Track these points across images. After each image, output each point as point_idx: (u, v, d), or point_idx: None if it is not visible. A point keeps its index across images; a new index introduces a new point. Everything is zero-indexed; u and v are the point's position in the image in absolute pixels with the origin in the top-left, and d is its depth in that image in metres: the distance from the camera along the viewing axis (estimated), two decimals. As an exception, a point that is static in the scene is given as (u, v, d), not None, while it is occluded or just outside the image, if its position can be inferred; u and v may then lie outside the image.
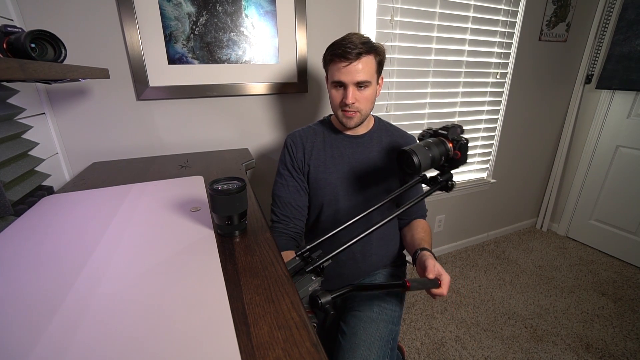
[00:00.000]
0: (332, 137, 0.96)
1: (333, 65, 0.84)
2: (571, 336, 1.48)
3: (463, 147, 0.68)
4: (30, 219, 0.66)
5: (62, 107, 1.04)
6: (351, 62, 0.79)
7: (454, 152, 0.69)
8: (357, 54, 0.79)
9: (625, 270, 1.97)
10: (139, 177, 0.92)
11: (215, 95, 1.21)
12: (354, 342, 0.78)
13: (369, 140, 0.96)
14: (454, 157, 0.69)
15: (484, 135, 1.95)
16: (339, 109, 0.88)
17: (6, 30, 0.61)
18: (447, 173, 0.73)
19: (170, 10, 1.06)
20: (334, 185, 0.94)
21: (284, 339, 0.37)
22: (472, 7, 1.59)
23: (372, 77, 0.84)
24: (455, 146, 0.68)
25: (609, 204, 2.09)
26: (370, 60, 0.82)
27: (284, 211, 0.94)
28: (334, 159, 0.94)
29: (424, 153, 0.65)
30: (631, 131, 1.94)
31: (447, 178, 0.73)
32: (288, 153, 0.96)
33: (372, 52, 0.82)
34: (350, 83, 0.82)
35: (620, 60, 1.90)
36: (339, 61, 0.81)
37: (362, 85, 0.83)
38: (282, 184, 0.95)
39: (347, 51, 0.79)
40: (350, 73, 0.81)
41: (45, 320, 0.38)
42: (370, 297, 0.90)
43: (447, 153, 0.69)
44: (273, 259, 0.53)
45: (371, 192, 0.95)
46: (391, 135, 0.98)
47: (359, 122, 0.89)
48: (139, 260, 0.51)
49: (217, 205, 0.56)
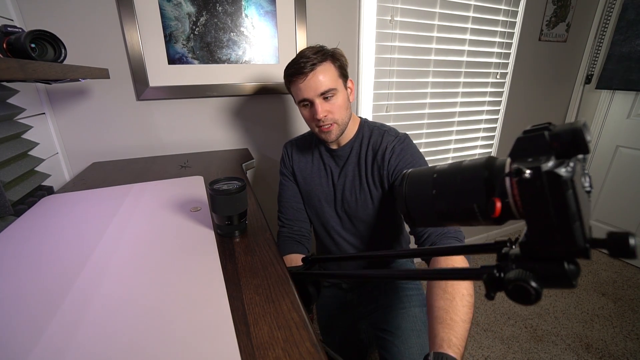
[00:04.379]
0: (318, 150, 0.95)
1: (294, 86, 0.80)
2: (571, 336, 1.48)
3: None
4: (30, 219, 0.66)
5: (62, 107, 1.04)
6: (307, 75, 0.76)
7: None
8: (311, 65, 0.76)
9: (625, 270, 1.97)
10: (139, 177, 0.92)
11: (216, 95, 1.21)
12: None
13: (349, 151, 0.89)
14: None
15: (483, 135, 1.95)
16: (315, 127, 0.83)
17: (6, 30, 0.61)
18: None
19: (170, 10, 1.06)
20: (318, 199, 0.94)
21: (284, 339, 0.37)
22: (472, 7, 1.59)
23: (336, 83, 0.79)
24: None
25: (609, 204, 2.09)
26: (329, 68, 0.78)
27: (287, 214, 0.95)
28: (319, 172, 0.94)
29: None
30: (631, 131, 1.94)
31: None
32: (283, 160, 1.00)
33: (328, 58, 0.78)
34: (314, 97, 0.78)
35: (620, 60, 1.90)
36: (297, 79, 0.77)
37: (327, 95, 0.78)
38: (282, 189, 0.98)
39: (301, 66, 0.76)
40: (310, 87, 0.77)
41: (45, 320, 0.38)
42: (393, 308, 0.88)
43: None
44: (273, 259, 0.53)
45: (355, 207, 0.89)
46: (370, 137, 0.88)
47: (339, 134, 0.83)
48: (139, 260, 0.51)
49: (217, 205, 0.56)
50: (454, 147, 1.85)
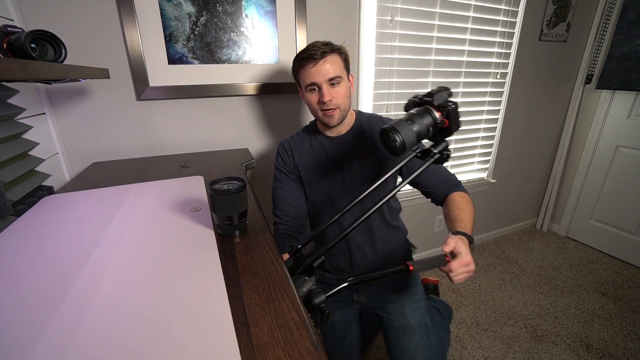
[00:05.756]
0: (317, 141, 0.98)
1: (302, 71, 0.87)
2: (571, 336, 1.48)
3: (452, 113, 0.60)
4: (30, 219, 0.66)
5: (62, 107, 1.04)
6: (317, 61, 0.84)
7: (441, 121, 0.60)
8: (322, 53, 0.84)
9: (625, 270, 1.97)
10: (139, 177, 0.92)
11: (215, 95, 1.21)
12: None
13: (352, 137, 0.96)
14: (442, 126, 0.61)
15: (484, 135, 1.95)
16: (318, 110, 0.89)
17: (6, 30, 0.61)
18: (442, 143, 0.64)
19: (170, 10, 1.06)
20: (325, 190, 0.96)
21: (284, 339, 0.37)
22: (472, 7, 1.59)
23: (342, 72, 0.87)
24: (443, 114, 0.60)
25: (609, 204, 2.09)
26: (336, 58, 0.86)
27: (285, 212, 0.95)
28: (322, 163, 0.96)
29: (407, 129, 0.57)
30: (631, 131, 1.94)
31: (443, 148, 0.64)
32: (281, 158, 1.00)
33: (336, 51, 0.87)
34: (323, 82, 0.85)
35: (621, 60, 1.90)
36: (307, 64, 0.85)
37: (334, 82, 0.86)
38: (280, 187, 0.98)
39: (312, 53, 0.84)
40: (320, 73, 0.84)
41: (45, 321, 0.38)
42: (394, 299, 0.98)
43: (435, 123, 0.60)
44: (273, 259, 0.53)
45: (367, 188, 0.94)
46: (370, 124, 0.97)
47: (340, 119, 0.90)
48: (139, 260, 0.51)
49: (217, 205, 0.56)
50: (454, 147, 1.85)
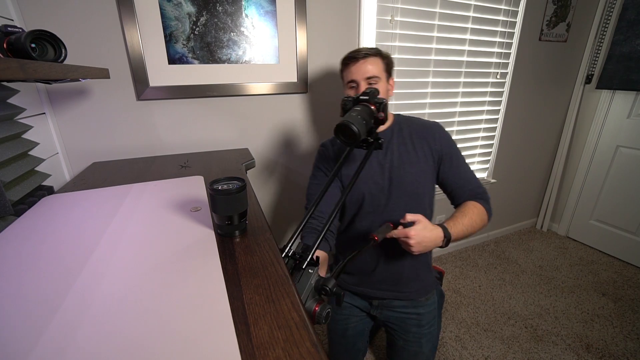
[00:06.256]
0: None
1: (347, 69, 0.94)
2: (571, 336, 1.48)
3: (384, 107, 0.76)
4: (30, 219, 0.66)
5: (62, 107, 1.04)
6: (359, 60, 0.91)
7: (378, 114, 0.75)
8: (364, 54, 0.91)
9: (625, 270, 1.97)
10: (139, 177, 0.92)
11: (215, 95, 1.21)
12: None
13: (390, 134, 0.96)
14: (379, 117, 0.76)
15: (484, 135, 1.95)
16: None
17: (6, 30, 0.61)
18: (374, 132, 0.78)
19: (170, 10, 1.06)
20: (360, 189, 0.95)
21: (284, 338, 0.37)
22: (472, 7, 1.59)
23: (381, 74, 0.92)
24: (379, 108, 0.75)
25: (609, 204, 2.09)
26: (377, 61, 0.92)
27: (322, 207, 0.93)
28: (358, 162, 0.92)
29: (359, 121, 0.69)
30: (631, 131, 1.94)
31: (376, 137, 0.78)
32: (320, 157, 1.03)
33: (378, 55, 0.92)
34: (361, 79, 0.91)
35: (621, 60, 1.90)
36: (351, 62, 0.92)
37: (372, 81, 0.91)
38: (316, 183, 1.00)
39: (355, 54, 0.92)
40: (359, 71, 0.91)
41: (45, 320, 0.38)
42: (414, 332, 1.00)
43: (374, 115, 0.75)
44: (273, 259, 0.53)
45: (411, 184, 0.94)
46: (410, 125, 0.98)
47: None
48: (139, 260, 0.51)
49: (217, 205, 0.56)
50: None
